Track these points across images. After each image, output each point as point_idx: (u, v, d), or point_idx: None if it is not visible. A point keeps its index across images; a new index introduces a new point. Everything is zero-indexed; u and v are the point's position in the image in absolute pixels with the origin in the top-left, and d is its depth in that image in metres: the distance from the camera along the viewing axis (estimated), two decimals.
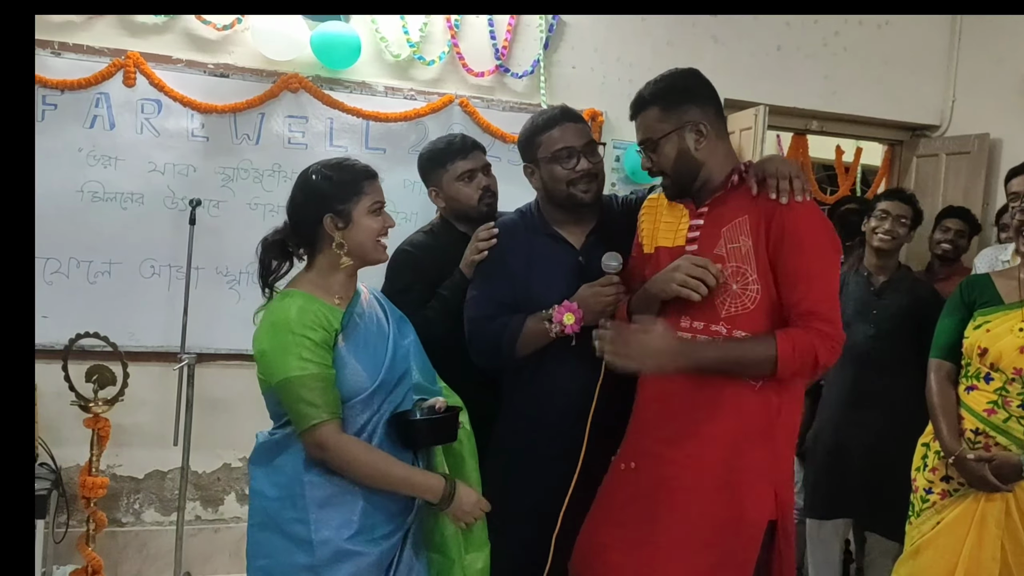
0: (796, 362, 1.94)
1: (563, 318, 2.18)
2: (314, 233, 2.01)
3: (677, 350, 1.96)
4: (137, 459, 3.84)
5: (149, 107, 3.75)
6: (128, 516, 3.87)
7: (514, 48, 4.24)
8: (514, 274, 2.35)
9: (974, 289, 2.64)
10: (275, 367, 1.90)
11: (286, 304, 1.94)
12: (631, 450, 2.13)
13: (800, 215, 1.99)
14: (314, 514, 1.91)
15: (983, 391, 2.52)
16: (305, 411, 1.88)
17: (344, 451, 1.90)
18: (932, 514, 2.57)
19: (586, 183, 2.31)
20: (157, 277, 3.79)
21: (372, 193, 2.03)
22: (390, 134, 4.05)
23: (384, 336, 2.07)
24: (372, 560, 1.94)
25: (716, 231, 2.05)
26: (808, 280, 1.97)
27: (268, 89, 3.84)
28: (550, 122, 2.33)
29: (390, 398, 2.02)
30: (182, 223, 3.65)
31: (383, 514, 1.98)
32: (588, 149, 2.32)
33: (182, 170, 3.80)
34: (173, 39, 3.78)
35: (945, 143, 4.89)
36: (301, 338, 1.88)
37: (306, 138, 3.95)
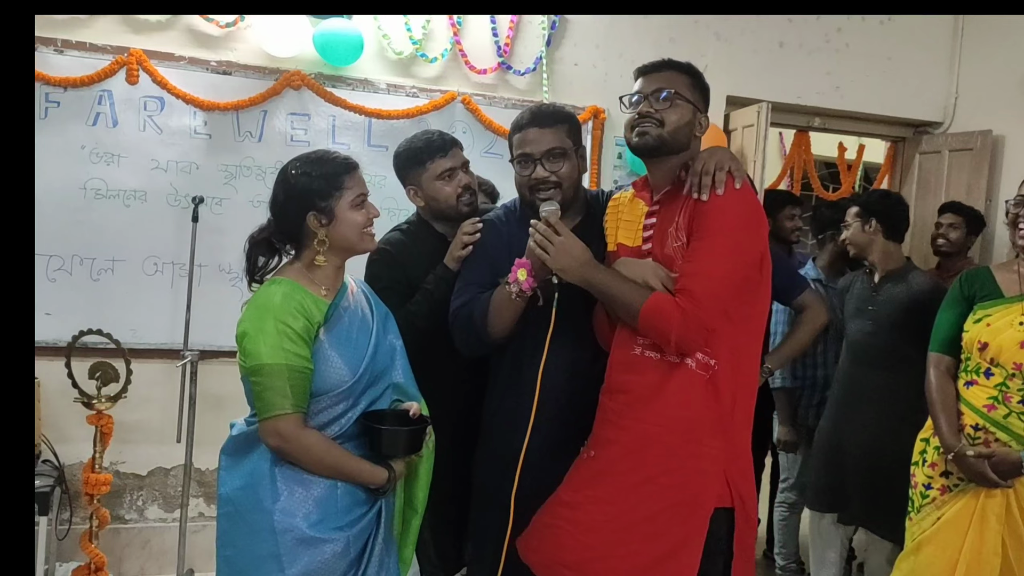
0: (653, 323, 1.98)
1: (517, 275, 2.16)
2: (298, 230, 2.02)
3: (583, 261, 2.07)
4: (140, 456, 3.85)
5: (152, 104, 3.75)
6: (131, 513, 3.88)
7: (516, 45, 4.24)
8: (496, 264, 2.33)
9: (974, 282, 2.62)
10: (252, 350, 1.90)
11: (272, 291, 1.95)
12: (593, 439, 2.16)
13: (714, 204, 2.01)
14: (277, 503, 1.91)
15: (983, 386, 2.50)
16: (272, 399, 1.88)
17: (300, 443, 1.91)
18: (932, 510, 2.56)
19: (545, 190, 2.27)
20: (160, 274, 3.79)
21: (353, 187, 2.02)
22: (392, 131, 4.05)
23: (367, 330, 2.07)
24: (338, 548, 1.94)
25: (664, 230, 2.10)
26: (695, 259, 1.99)
27: (271, 86, 3.85)
28: (519, 122, 2.32)
29: (369, 392, 2.03)
30: (185, 220, 3.65)
31: (348, 500, 1.98)
32: (549, 156, 2.26)
33: (185, 167, 3.80)
34: (176, 36, 3.79)
35: (948, 140, 4.88)
36: (283, 326, 1.89)
37: (308, 135, 3.96)
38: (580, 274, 2.08)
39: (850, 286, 3.47)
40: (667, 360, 2.03)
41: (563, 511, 2.10)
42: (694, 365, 2.03)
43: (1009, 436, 2.45)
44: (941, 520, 2.52)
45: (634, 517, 2.02)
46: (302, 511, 1.92)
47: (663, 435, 2.03)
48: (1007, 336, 2.45)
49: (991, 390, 2.49)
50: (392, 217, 4.11)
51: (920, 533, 2.57)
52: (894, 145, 5.32)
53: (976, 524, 2.45)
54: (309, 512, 1.93)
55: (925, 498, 2.60)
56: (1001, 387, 2.47)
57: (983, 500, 2.45)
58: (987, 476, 2.42)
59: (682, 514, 2.03)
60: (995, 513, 2.44)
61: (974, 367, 2.54)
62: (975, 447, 2.47)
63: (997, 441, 2.46)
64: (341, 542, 1.94)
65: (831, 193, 6.48)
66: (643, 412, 2.05)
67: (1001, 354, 2.45)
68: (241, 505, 1.95)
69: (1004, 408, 2.46)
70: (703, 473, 2.04)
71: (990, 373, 2.49)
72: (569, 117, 2.36)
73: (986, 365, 2.50)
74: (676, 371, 2.03)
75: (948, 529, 2.50)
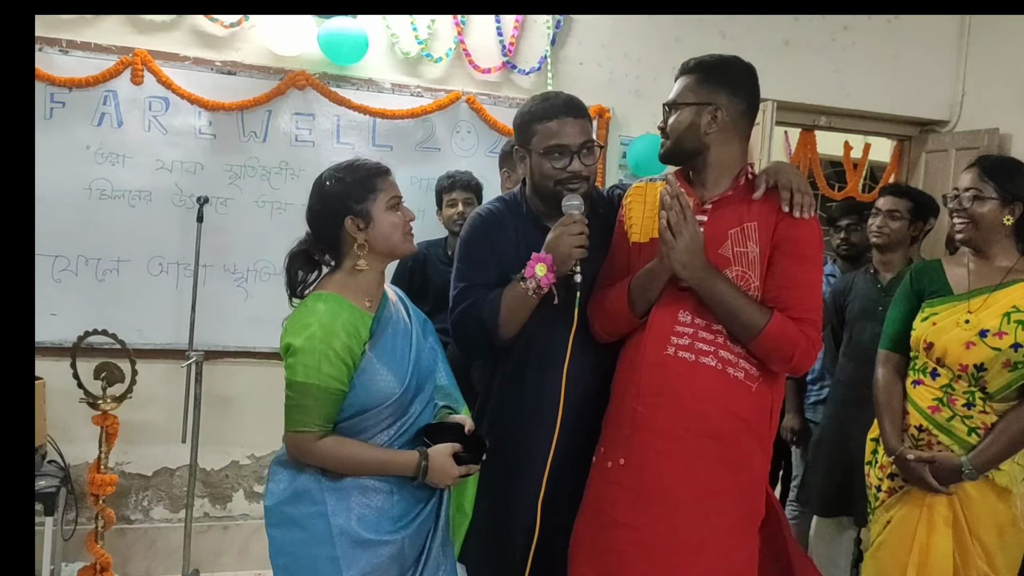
0: (776, 344, 1.99)
1: (535, 270, 2.07)
2: (337, 238, 2.01)
3: (706, 264, 1.98)
4: (146, 456, 3.85)
5: (157, 105, 3.75)
6: (137, 513, 3.87)
7: (521, 45, 4.23)
8: (503, 262, 2.22)
9: (923, 277, 2.54)
10: (292, 364, 1.92)
11: (317, 308, 1.94)
12: (620, 446, 2.07)
13: (805, 226, 2.04)
14: (332, 507, 1.93)
15: (929, 387, 2.42)
16: (300, 416, 1.93)
17: (316, 454, 1.94)
18: (883, 512, 2.50)
19: (575, 184, 2.16)
20: (165, 275, 3.79)
21: (387, 189, 2.02)
22: (397, 131, 4.04)
23: (408, 337, 2.07)
24: (395, 549, 1.96)
25: (722, 231, 2.05)
26: (806, 289, 2.04)
27: (275, 86, 3.84)
28: (550, 111, 2.17)
29: (418, 398, 2.04)
30: (190, 221, 3.65)
31: (403, 505, 2.00)
32: (584, 149, 2.17)
33: (189, 168, 3.80)
34: (180, 36, 3.78)
35: (954, 138, 4.86)
36: (324, 346, 1.90)
37: (313, 135, 3.95)
38: (701, 278, 1.98)
39: (849, 287, 3.42)
40: (704, 364, 2.01)
41: (623, 534, 2.03)
42: (742, 375, 2.02)
43: (951, 440, 2.37)
44: (891, 523, 2.46)
45: (703, 535, 2.00)
46: (357, 515, 1.94)
47: (719, 447, 2.01)
48: (952, 336, 2.36)
49: (936, 391, 2.41)
50: None
51: (876, 535, 2.51)
52: (900, 144, 5.30)
53: (923, 527, 2.38)
54: (364, 515, 1.95)
55: (876, 500, 2.54)
56: (947, 388, 2.39)
57: (928, 503, 2.38)
58: (927, 481, 2.35)
59: (748, 528, 2.06)
60: (942, 516, 2.36)
61: (921, 366, 2.46)
62: (916, 451, 2.40)
63: (939, 444, 2.39)
64: (397, 544, 1.96)
65: (837, 192, 6.44)
66: (693, 421, 2.01)
67: (947, 355, 2.37)
68: (294, 513, 1.96)
69: (948, 411, 2.38)
70: (757, 483, 2.06)
71: (936, 373, 2.41)
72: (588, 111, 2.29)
73: (932, 365, 2.42)
74: (722, 378, 2.01)
75: (897, 532, 2.44)
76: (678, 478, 2.01)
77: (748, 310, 1.98)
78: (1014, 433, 2.32)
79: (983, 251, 2.45)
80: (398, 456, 1.99)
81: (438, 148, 4.12)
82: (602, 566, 2.05)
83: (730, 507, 2.02)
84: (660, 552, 2.00)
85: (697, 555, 1.99)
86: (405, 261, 3.57)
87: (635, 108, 4.35)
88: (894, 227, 3.27)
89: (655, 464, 2.02)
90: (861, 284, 3.35)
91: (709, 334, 2.02)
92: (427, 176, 4.05)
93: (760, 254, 2.02)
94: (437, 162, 4.06)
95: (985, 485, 2.35)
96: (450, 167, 3.81)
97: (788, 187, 2.04)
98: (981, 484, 2.35)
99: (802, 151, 5.81)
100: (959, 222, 2.46)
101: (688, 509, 2.00)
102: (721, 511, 2.01)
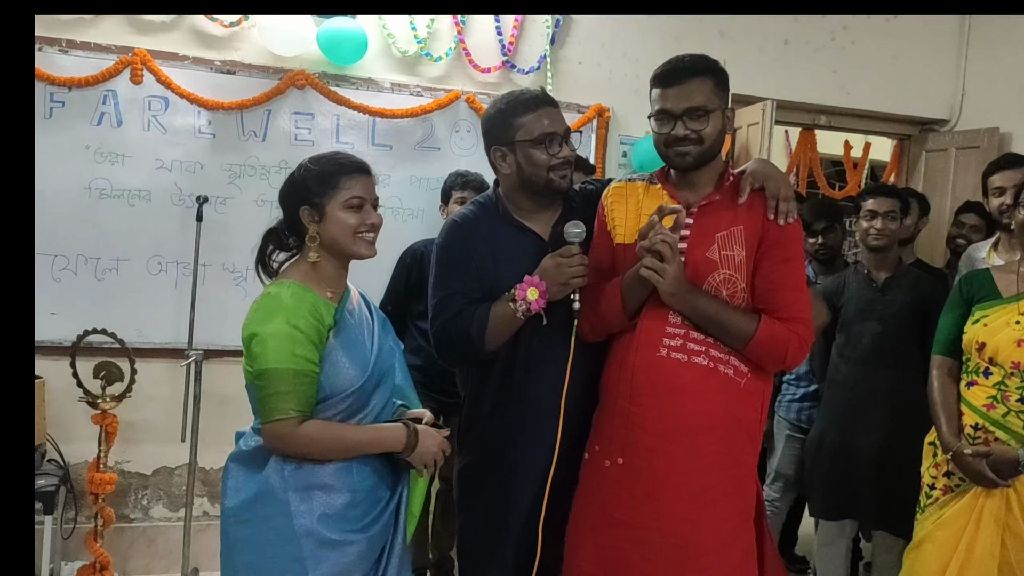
0: (767, 349, 2.03)
1: (527, 294, 2.08)
2: (296, 225, 2.03)
3: (689, 288, 2.02)
4: (145, 455, 3.85)
5: (156, 104, 3.75)
6: (136, 512, 3.88)
7: (520, 44, 4.23)
8: (481, 267, 2.24)
9: (972, 284, 2.63)
10: (260, 353, 1.90)
11: (280, 292, 1.95)
12: (616, 446, 2.09)
13: (789, 228, 2.08)
14: (298, 507, 1.91)
15: (982, 386, 2.50)
16: (275, 404, 1.89)
17: (301, 438, 1.90)
18: (935, 509, 2.56)
19: (565, 170, 2.22)
20: (164, 274, 3.80)
21: (350, 188, 2.00)
22: (396, 131, 4.05)
23: (370, 330, 2.07)
24: (361, 548, 1.95)
25: (709, 235, 2.07)
26: (794, 289, 2.08)
27: (275, 86, 3.84)
28: (531, 103, 2.21)
29: (377, 393, 2.03)
30: (189, 220, 3.65)
31: (368, 503, 1.98)
32: (568, 136, 2.24)
33: (189, 167, 3.81)
34: (180, 36, 3.79)
35: (954, 137, 4.86)
36: (292, 329, 1.88)
37: (312, 135, 3.95)
38: (686, 301, 2.02)
39: (842, 288, 3.37)
40: (696, 363, 2.04)
41: (622, 532, 2.06)
42: (731, 372, 2.05)
43: (1008, 435, 2.44)
44: (941, 519, 2.52)
45: (700, 531, 2.03)
46: (320, 515, 1.92)
47: (712, 444, 2.04)
48: (1004, 335, 2.45)
49: (990, 389, 2.48)
50: (396, 216, 4.14)
51: (923, 531, 2.57)
52: (900, 143, 5.30)
53: (972, 524, 2.44)
54: (327, 515, 1.92)
55: (929, 498, 2.61)
56: (1000, 386, 2.46)
57: (982, 501, 2.44)
58: (985, 475, 2.41)
59: (743, 521, 2.09)
60: (993, 514, 2.42)
61: (973, 367, 2.54)
62: (973, 446, 2.46)
63: (996, 440, 2.45)
64: (363, 543, 1.95)
65: (837, 191, 6.45)
66: (686, 420, 2.03)
67: (999, 353, 2.45)
68: (257, 513, 1.94)
69: (1003, 407, 2.45)
70: (750, 477, 2.11)
71: (989, 373, 2.49)
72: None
73: (985, 365, 2.50)
74: (712, 376, 2.04)
75: (946, 528, 2.50)
76: (675, 476, 2.03)
77: (736, 320, 2.03)
78: None
79: None
80: (385, 431, 1.98)
81: (438, 147, 4.12)
82: (603, 563, 2.08)
83: (726, 502, 2.05)
84: (659, 548, 2.02)
85: (695, 550, 2.02)
86: (404, 258, 3.58)
87: (635, 107, 4.35)
88: (892, 228, 3.26)
89: (651, 463, 2.05)
90: (855, 286, 3.31)
91: (699, 334, 2.05)
92: (426, 175, 4.06)
93: (746, 257, 2.05)
94: (436, 161, 4.06)
95: None
96: (450, 166, 3.82)
97: (775, 196, 2.07)
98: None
99: (802, 150, 5.83)
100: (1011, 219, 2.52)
101: (685, 506, 2.03)
102: (717, 506, 2.04)
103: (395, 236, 3.85)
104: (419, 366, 3.42)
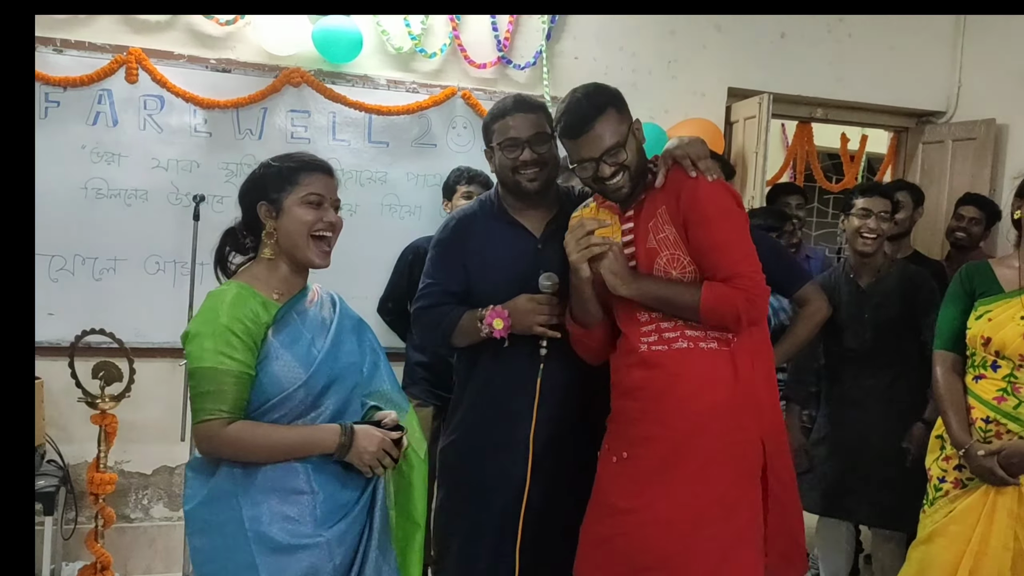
0: (716, 312, 2.07)
1: (492, 322, 2.26)
2: (254, 223, 2.01)
3: (632, 275, 2.13)
4: (145, 455, 3.85)
5: (152, 103, 3.75)
6: (137, 512, 3.88)
7: (516, 39, 4.22)
8: (471, 260, 2.40)
9: (974, 278, 2.61)
10: (195, 353, 1.87)
11: (223, 293, 1.92)
12: (621, 441, 2.19)
13: (700, 189, 2.11)
14: (249, 513, 1.86)
15: (991, 379, 2.49)
16: (206, 405, 1.85)
17: (228, 438, 1.85)
18: (945, 503, 2.55)
19: (533, 171, 2.33)
20: (162, 273, 3.80)
21: (309, 184, 1.98)
22: (393, 127, 4.04)
23: (323, 329, 2.00)
24: (318, 554, 1.87)
25: (644, 228, 2.18)
26: (722, 248, 2.10)
27: (270, 84, 3.84)
28: (504, 110, 2.37)
29: (331, 395, 1.96)
30: (186, 219, 3.64)
31: (327, 507, 1.91)
32: (536, 139, 2.33)
33: (185, 166, 3.80)
34: (175, 35, 3.78)
35: (951, 129, 4.86)
36: (226, 331, 1.85)
37: (309, 132, 3.95)
38: (632, 286, 2.12)
39: (834, 288, 3.24)
40: (677, 348, 2.12)
41: (625, 519, 2.13)
42: (715, 345, 2.12)
43: (1021, 427, 2.43)
44: (952, 513, 2.51)
45: (706, 501, 2.08)
46: (273, 518, 1.86)
47: (713, 419, 2.10)
48: (1009, 330, 2.45)
49: (1000, 382, 2.48)
50: (394, 213, 4.14)
51: (932, 525, 2.56)
52: (897, 135, 5.30)
53: (985, 518, 2.44)
54: (283, 520, 1.86)
55: (939, 491, 2.59)
56: (1009, 378, 2.46)
57: (994, 495, 2.44)
58: (995, 474, 2.40)
59: (744, 485, 2.13)
60: (1006, 507, 2.42)
61: (980, 361, 2.53)
62: (986, 445, 2.45)
63: (1009, 432, 2.45)
64: (321, 547, 1.87)
65: (835, 184, 6.45)
66: (682, 403, 2.10)
67: (1006, 347, 2.45)
68: (213, 519, 1.89)
69: (1014, 399, 2.45)
70: (750, 441, 2.14)
71: (997, 366, 2.48)
72: (544, 106, 2.46)
73: (992, 358, 2.49)
74: (697, 355, 2.12)
75: (958, 522, 2.49)
76: (675, 458, 2.10)
77: (681, 294, 2.10)
78: None
79: None
80: (316, 431, 1.91)
81: (434, 144, 4.12)
82: (608, 551, 2.14)
83: (728, 468, 2.10)
84: (664, 526, 2.08)
85: (700, 522, 2.08)
86: (405, 255, 3.58)
87: (631, 101, 4.16)
88: (884, 228, 3.18)
89: (652, 451, 2.12)
90: (845, 290, 3.23)
91: (668, 322, 2.14)
92: (424, 172, 4.05)
93: (677, 232, 2.12)
94: (433, 158, 4.06)
95: None
96: (446, 163, 3.82)
97: (686, 157, 2.14)
98: None
99: (799, 144, 5.81)
100: None
101: (686, 485, 2.09)
102: (721, 475, 2.09)
103: (393, 233, 3.87)
104: (424, 363, 3.43)
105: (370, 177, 4.05)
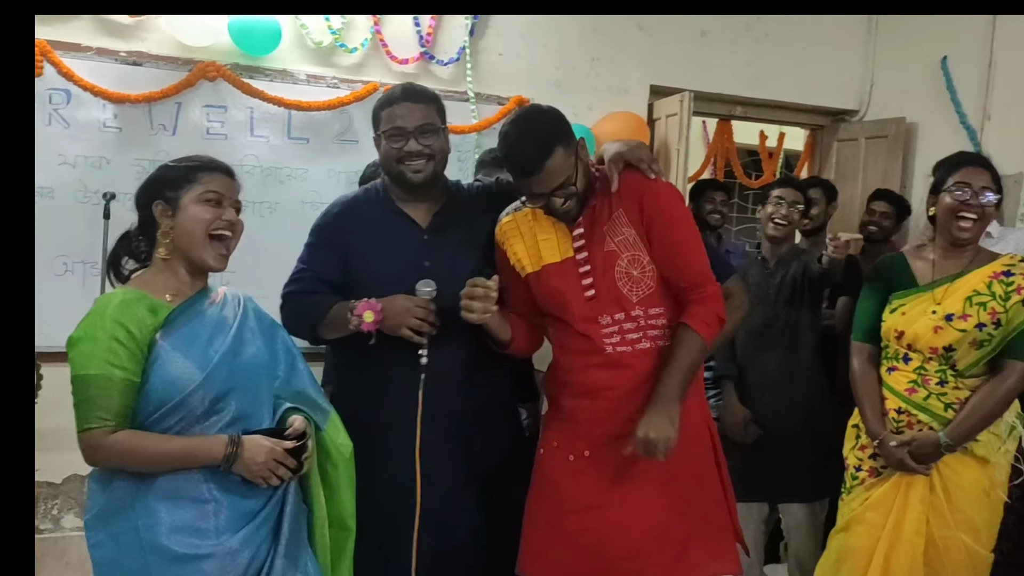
0: (713, 333, 2.18)
1: (363, 314, 2.17)
2: (149, 223, 1.95)
3: (671, 412, 2.07)
4: (54, 463, 3.68)
5: (58, 97, 3.60)
6: (46, 523, 3.74)
7: (439, 35, 4.18)
8: (352, 248, 2.33)
9: (890, 271, 2.69)
10: (78, 360, 1.81)
11: (109, 298, 1.86)
12: (580, 440, 2.21)
13: (663, 193, 2.18)
14: (144, 522, 1.80)
15: (903, 371, 2.57)
16: (87, 413, 1.79)
17: (113, 447, 1.79)
18: (861, 491, 2.63)
19: (418, 163, 2.28)
20: (71, 274, 3.66)
21: (209, 182, 1.93)
22: (313, 123, 3.97)
23: (223, 330, 1.93)
24: (218, 564, 1.81)
25: (599, 232, 2.18)
26: (687, 251, 2.19)
27: (184, 77, 3.72)
28: (391, 99, 2.31)
29: (232, 398, 1.89)
30: (96, 218, 3.49)
31: (230, 511, 1.86)
32: (422, 130, 2.27)
33: (94, 162, 3.66)
34: (83, 26, 3.63)
35: (864, 127, 5.01)
36: (110, 338, 1.79)
37: (226, 128, 3.85)
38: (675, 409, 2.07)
39: (746, 271, 3.32)
40: (640, 349, 2.17)
41: (593, 514, 2.16)
42: (670, 343, 2.18)
43: (930, 417, 2.51)
44: (868, 500, 2.59)
45: (677, 487, 2.16)
46: (170, 528, 1.80)
47: None
48: (922, 324, 2.52)
49: (911, 374, 2.55)
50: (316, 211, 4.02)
51: (850, 513, 2.64)
52: (813, 133, 5.44)
53: (899, 505, 2.52)
54: (179, 528, 1.80)
55: (855, 479, 2.66)
56: (920, 371, 2.54)
57: (907, 482, 2.52)
58: (905, 463, 2.48)
59: (708, 466, 2.25)
60: (918, 495, 2.50)
61: (893, 354, 2.61)
62: (897, 436, 2.53)
63: (919, 423, 2.52)
64: (222, 557, 1.81)
65: (754, 180, 6.59)
66: (647, 400, 2.12)
67: (918, 341, 2.52)
68: (109, 530, 1.84)
69: (924, 390, 2.53)
70: (700, 429, 2.24)
71: (908, 358, 2.56)
72: (437, 97, 2.39)
73: (904, 351, 2.57)
74: (657, 354, 2.17)
75: (874, 508, 2.57)
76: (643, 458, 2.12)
77: (691, 356, 2.13)
78: (986, 406, 2.47)
79: (974, 244, 2.57)
80: (201, 441, 1.83)
81: (356, 140, 4.04)
82: (573, 547, 2.17)
83: (688, 458, 2.16)
84: (636, 518, 2.14)
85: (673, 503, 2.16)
86: None
87: (555, 99, 4.29)
88: (794, 218, 3.37)
89: (617, 448, 2.12)
90: (755, 272, 3.34)
91: (631, 323, 2.17)
92: (345, 169, 3.98)
93: (637, 234, 2.16)
94: (355, 154, 3.98)
95: (965, 457, 2.50)
96: (369, 159, 3.72)
97: (641, 162, 2.19)
98: (961, 456, 2.50)
99: (720, 141, 5.93)
100: (970, 218, 2.51)
101: (656, 478, 2.14)
102: (682, 467, 2.15)
103: None
104: None
105: (290, 174, 3.97)
